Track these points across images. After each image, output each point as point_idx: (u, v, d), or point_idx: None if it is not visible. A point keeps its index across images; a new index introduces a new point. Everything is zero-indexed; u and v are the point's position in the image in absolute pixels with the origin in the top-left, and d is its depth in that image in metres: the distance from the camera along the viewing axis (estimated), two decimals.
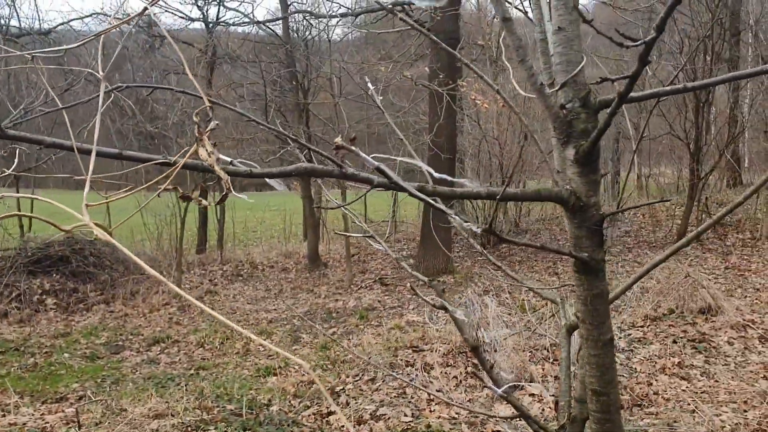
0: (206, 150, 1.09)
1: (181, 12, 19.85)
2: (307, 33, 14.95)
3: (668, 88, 1.49)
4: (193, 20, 14.98)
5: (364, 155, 1.17)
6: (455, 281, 12.64)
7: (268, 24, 13.82)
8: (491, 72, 15.20)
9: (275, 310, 12.28)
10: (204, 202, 1.23)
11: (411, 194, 1.28)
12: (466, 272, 13.39)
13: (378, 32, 13.38)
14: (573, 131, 1.58)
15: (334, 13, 13.50)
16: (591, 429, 1.78)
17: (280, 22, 14.37)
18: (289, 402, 7.12)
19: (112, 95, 1.54)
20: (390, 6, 9.62)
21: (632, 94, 1.37)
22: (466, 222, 1.34)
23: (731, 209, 2.21)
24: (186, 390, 7.44)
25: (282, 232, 19.86)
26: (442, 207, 1.35)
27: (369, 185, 1.31)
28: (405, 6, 12.83)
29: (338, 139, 1.14)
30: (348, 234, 2.50)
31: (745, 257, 12.55)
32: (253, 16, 13.23)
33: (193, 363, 9.12)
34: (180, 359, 9.38)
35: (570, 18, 1.54)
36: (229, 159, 1.37)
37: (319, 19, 13.99)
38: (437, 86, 9.63)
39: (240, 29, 15.23)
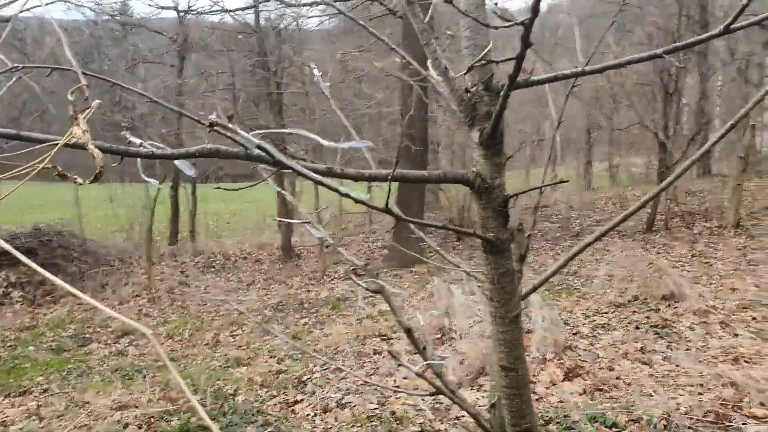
0: (81, 129, 1.09)
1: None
2: (279, 22, 14.87)
3: (568, 71, 1.52)
4: (163, 8, 14.82)
5: (243, 133, 1.18)
6: (428, 271, 12.70)
7: (239, 12, 13.73)
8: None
9: (247, 300, 12.26)
10: (79, 180, 1.23)
11: (298, 173, 1.29)
12: (437, 263, 13.45)
13: (357, 20, 13.28)
14: (477, 114, 1.60)
15: (306, 2, 13.40)
16: (502, 404, 1.82)
17: (253, 11, 14.26)
18: (256, 392, 7.13)
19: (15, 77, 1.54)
20: None
21: (534, 78, 1.40)
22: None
23: (642, 204, 2.26)
24: (152, 381, 7.43)
25: (256, 224, 19.80)
26: (343, 190, 1.36)
27: (266, 165, 1.32)
28: None
29: (212, 116, 1.14)
30: (287, 221, 2.51)
31: (712, 245, 12.74)
32: (223, 5, 13.06)
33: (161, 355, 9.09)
34: (149, 351, 9.34)
35: (476, 2, 1.56)
36: (138, 140, 1.38)
37: (291, 8, 13.90)
38: (408, 77, 9.63)
39: (211, 18, 15.10)
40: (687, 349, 7.44)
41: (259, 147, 1.20)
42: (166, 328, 10.31)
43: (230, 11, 13.43)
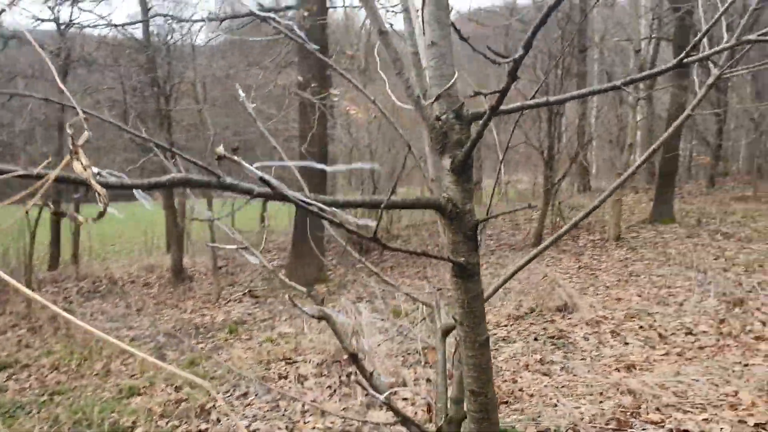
0: (81, 163, 1.01)
1: (27, 10, 18.43)
2: (169, 37, 14.43)
3: (532, 102, 1.57)
4: (42, 21, 13.99)
5: (246, 165, 1.13)
6: (328, 290, 12.63)
7: (127, 27, 13.21)
8: (360, 82, 15.35)
9: (138, 327, 11.71)
10: (80, 218, 1.13)
11: (298, 205, 1.25)
12: (339, 280, 13.42)
13: (250, 39, 13.13)
14: (448, 142, 1.62)
15: (198, 18, 13.11)
16: (469, 429, 1.83)
17: (140, 25, 13.77)
18: (156, 423, 6.80)
19: None
20: (259, 12, 9.47)
21: (504, 107, 1.43)
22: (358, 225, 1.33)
23: (586, 215, 2.36)
24: (38, 418, 6.92)
25: (143, 245, 18.98)
26: (329, 217, 1.33)
27: (248, 195, 1.27)
28: (273, 13, 12.68)
29: (220, 149, 1.10)
30: (221, 246, 2.42)
31: (596, 257, 13.47)
32: (111, 18, 12.51)
33: (46, 388, 8.48)
34: (30, 385, 8.70)
35: (442, 33, 1.58)
36: (96, 170, 1.29)
37: (182, 23, 13.54)
38: (310, 95, 9.61)
39: (98, 32, 14.43)
40: (583, 359, 7.80)
41: (261, 179, 1.15)
42: (49, 359, 9.65)
43: (116, 25, 12.91)
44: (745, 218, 15.62)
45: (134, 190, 1.35)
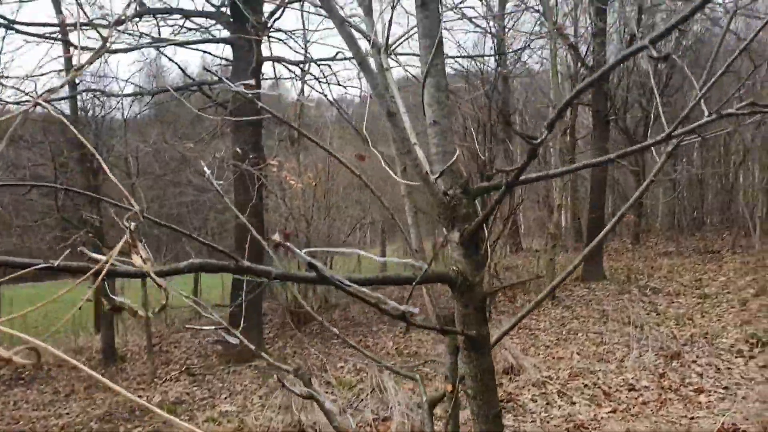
0: (141, 256, 0.98)
1: None
2: (98, 111, 14.23)
3: (534, 175, 1.63)
4: None
5: (297, 251, 1.13)
6: (268, 363, 12.30)
7: (54, 102, 12.92)
8: (294, 150, 15.49)
9: (68, 414, 11.04)
10: (141, 312, 1.09)
11: (343, 290, 1.25)
12: (278, 353, 13.12)
13: (199, 111, 13.07)
14: (457, 216, 1.66)
15: (128, 93, 13.01)
16: None
17: (68, 100, 13.54)
18: None
19: None
20: (194, 85, 9.50)
21: (525, 176, 1.48)
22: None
23: (574, 267, 2.42)
24: None
25: (70, 325, 18.09)
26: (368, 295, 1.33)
27: (267, 278, 1.25)
28: (206, 85, 12.75)
29: (275, 236, 1.09)
30: (198, 328, 2.34)
31: (534, 317, 13.67)
32: (36, 93, 12.24)
33: None
34: None
35: (443, 113, 1.64)
36: (102, 257, 1.25)
37: (111, 98, 13.39)
38: (249, 165, 9.61)
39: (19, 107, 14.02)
40: (533, 421, 7.83)
41: (310, 264, 1.14)
42: None
43: (44, 101, 12.59)
44: (671, 273, 16.28)
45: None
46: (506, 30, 14.87)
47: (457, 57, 15.88)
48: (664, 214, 25.46)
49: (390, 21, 2.16)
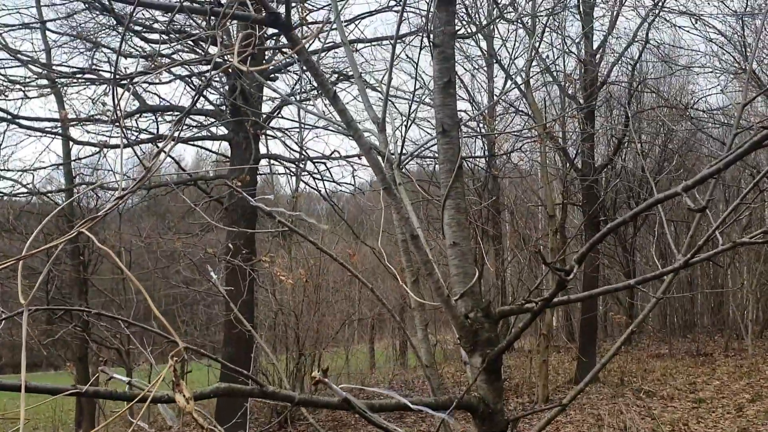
0: (184, 396, 0.97)
1: None
2: (94, 204, 14.31)
3: (556, 300, 1.64)
4: None
5: (333, 386, 1.12)
6: None
7: (49, 195, 13.07)
8: (287, 245, 15.52)
9: None
10: None
11: (368, 420, 1.22)
12: None
13: (193, 204, 13.17)
14: (479, 340, 1.65)
15: (125, 187, 13.09)
16: None
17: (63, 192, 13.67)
18: None
19: None
20: (191, 180, 9.62)
21: (555, 299, 1.50)
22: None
23: (601, 366, 2.38)
24: None
25: (51, 421, 17.45)
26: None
27: (290, 403, 1.24)
28: (203, 182, 12.92)
29: (316, 373, 1.09)
30: None
31: (527, 421, 13.33)
32: (34, 186, 12.35)
33: None
34: None
35: (463, 234, 1.67)
36: (120, 377, 1.24)
37: (109, 191, 13.51)
38: (241, 261, 9.61)
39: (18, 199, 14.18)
40: None
41: (345, 400, 1.12)
42: None
43: (40, 193, 12.74)
44: (664, 376, 16.07)
45: (159, 405, 1.29)
46: (496, 133, 15.29)
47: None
48: (655, 315, 25.40)
49: (403, 138, 2.24)
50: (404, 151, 2.92)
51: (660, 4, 14.96)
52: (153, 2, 4.59)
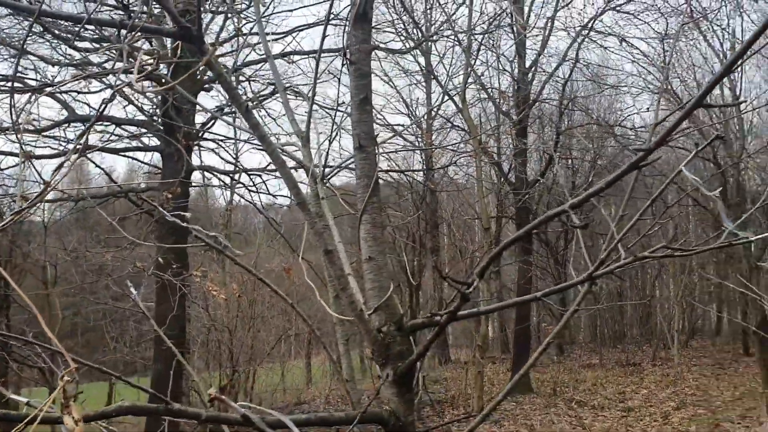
0: (72, 419, 0.93)
1: None
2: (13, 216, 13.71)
3: (466, 312, 1.66)
4: None
5: (232, 404, 1.09)
6: None
7: None
8: (220, 260, 15.26)
9: None
10: None
11: None
12: None
13: (122, 218, 12.79)
14: (391, 353, 1.65)
15: (50, 199, 12.66)
16: None
17: None
18: None
19: None
20: (121, 192, 9.38)
21: (460, 312, 1.51)
22: None
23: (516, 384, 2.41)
24: None
25: None
26: None
27: (197, 420, 1.21)
28: (134, 194, 12.61)
29: (212, 390, 1.07)
30: None
31: None
32: None
33: None
34: None
35: (379, 249, 1.67)
36: (24, 399, 1.21)
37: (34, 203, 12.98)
38: (171, 275, 9.37)
39: None
40: None
41: (244, 417, 1.10)
42: None
43: None
44: (595, 386, 16.48)
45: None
46: (434, 146, 15.48)
47: (389, 171, 16.33)
48: (586, 326, 26.10)
49: (327, 153, 2.24)
50: (329, 165, 2.92)
51: (590, 25, 15.52)
52: (59, 13, 4.46)
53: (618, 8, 15.50)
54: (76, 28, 10.57)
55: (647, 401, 14.43)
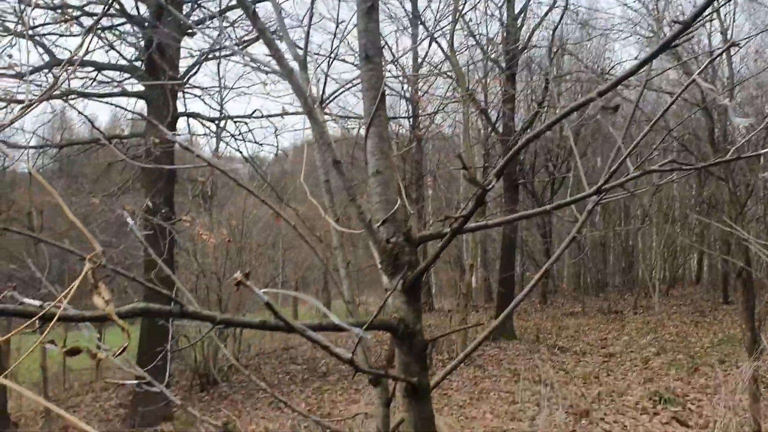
0: (103, 299, 0.93)
1: None
2: (1, 162, 13.59)
3: (473, 225, 1.68)
4: None
5: (256, 290, 1.11)
6: (175, 428, 11.74)
7: None
8: (207, 207, 15.21)
9: None
10: (100, 354, 1.03)
11: (299, 333, 1.23)
12: (186, 417, 12.54)
13: (108, 164, 12.66)
14: (399, 263, 1.68)
15: (33, 145, 12.50)
16: None
17: None
18: None
19: None
20: (105, 138, 9.29)
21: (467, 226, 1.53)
22: None
23: (489, 333, 2.47)
24: None
25: None
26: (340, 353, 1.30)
27: (212, 323, 1.23)
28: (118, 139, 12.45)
29: (238, 275, 1.08)
30: (121, 382, 2.21)
31: (447, 377, 13.72)
32: None
33: None
34: None
35: (386, 163, 1.68)
36: (37, 302, 1.21)
37: (15, 149, 12.84)
38: (160, 220, 9.34)
39: None
40: None
41: (267, 305, 1.11)
42: None
43: None
44: (577, 332, 16.81)
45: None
46: (421, 94, 15.36)
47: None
48: (570, 275, 26.46)
49: (326, 76, 2.22)
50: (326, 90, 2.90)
51: None
52: None
53: None
54: None
55: (628, 347, 14.77)
